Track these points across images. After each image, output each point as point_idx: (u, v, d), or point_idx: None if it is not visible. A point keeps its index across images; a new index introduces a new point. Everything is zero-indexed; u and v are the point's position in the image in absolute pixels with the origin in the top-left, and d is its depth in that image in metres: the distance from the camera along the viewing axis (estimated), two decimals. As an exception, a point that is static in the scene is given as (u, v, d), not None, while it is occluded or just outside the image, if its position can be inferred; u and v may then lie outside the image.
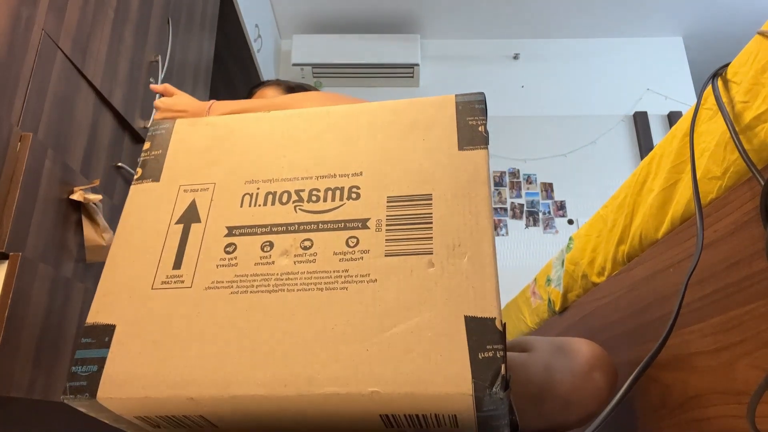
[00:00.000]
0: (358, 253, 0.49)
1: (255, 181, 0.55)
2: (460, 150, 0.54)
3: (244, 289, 0.49)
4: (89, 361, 0.47)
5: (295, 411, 0.45)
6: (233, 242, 0.51)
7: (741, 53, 0.58)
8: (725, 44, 3.33)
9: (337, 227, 0.51)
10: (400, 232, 0.50)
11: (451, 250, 0.48)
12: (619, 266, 0.86)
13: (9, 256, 0.83)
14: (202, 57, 1.99)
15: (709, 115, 0.63)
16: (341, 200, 0.52)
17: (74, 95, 1.15)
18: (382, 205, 0.51)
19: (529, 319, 1.49)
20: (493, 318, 0.44)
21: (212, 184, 0.56)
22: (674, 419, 0.66)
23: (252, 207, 0.54)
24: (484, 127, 0.55)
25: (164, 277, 0.50)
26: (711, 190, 0.59)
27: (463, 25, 3.39)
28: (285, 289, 0.48)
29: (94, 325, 0.49)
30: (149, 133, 0.62)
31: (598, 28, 3.43)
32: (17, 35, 0.98)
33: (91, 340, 0.48)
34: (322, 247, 0.50)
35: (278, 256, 0.50)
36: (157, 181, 0.57)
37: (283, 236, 0.51)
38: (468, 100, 0.57)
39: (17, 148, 0.92)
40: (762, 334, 0.50)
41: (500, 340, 0.43)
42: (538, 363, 0.74)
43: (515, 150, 3.22)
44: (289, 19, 3.34)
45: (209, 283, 0.49)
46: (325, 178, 0.54)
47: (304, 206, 0.53)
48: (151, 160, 0.59)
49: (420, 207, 0.51)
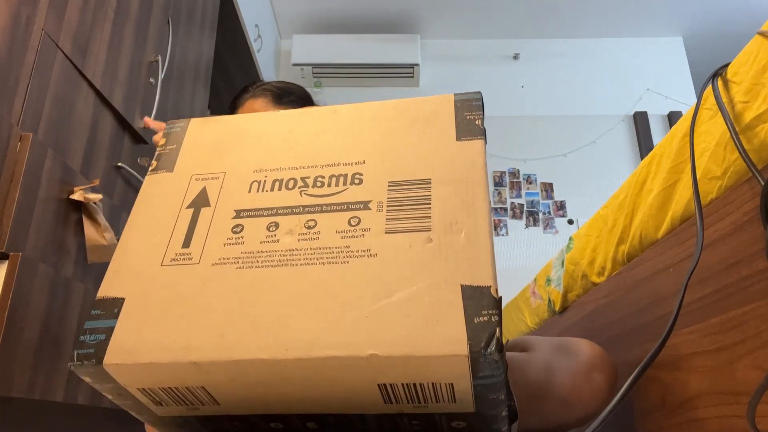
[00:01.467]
0: (360, 231, 0.51)
1: (263, 169, 0.58)
2: (458, 140, 0.57)
3: (249, 264, 0.50)
4: (98, 331, 0.48)
5: (296, 380, 0.46)
6: (240, 223, 0.54)
7: (741, 53, 0.58)
8: (725, 44, 3.33)
9: (340, 209, 0.53)
10: (400, 212, 0.52)
11: (448, 227, 0.50)
12: (619, 266, 0.86)
13: (9, 256, 0.83)
14: (202, 57, 1.99)
15: (709, 115, 0.63)
16: (345, 185, 0.55)
17: (74, 95, 1.15)
18: (383, 189, 0.54)
19: (529, 319, 1.49)
20: (488, 286, 0.45)
21: (222, 173, 0.59)
22: (674, 419, 0.66)
23: (260, 192, 0.56)
24: (481, 121, 0.58)
25: (173, 254, 0.53)
26: (711, 190, 0.59)
27: (463, 25, 3.39)
28: (289, 264, 0.50)
29: (104, 299, 0.50)
30: (166, 132, 0.65)
31: (597, 28, 3.43)
32: (17, 35, 0.98)
33: (101, 312, 0.49)
34: (325, 226, 0.52)
35: (283, 234, 0.52)
36: (170, 171, 0.61)
37: (288, 217, 0.53)
38: (466, 98, 0.61)
39: (17, 148, 0.92)
40: (762, 334, 0.50)
41: (495, 305, 0.44)
42: (538, 362, 0.74)
43: (515, 150, 3.22)
44: (289, 19, 3.34)
45: (216, 260, 0.51)
46: (329, 166, 0.57)
47: (309, 191, 0.55)
48: (165, 153, 0.63)
49: (419, 190, 0.53)
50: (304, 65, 3.30)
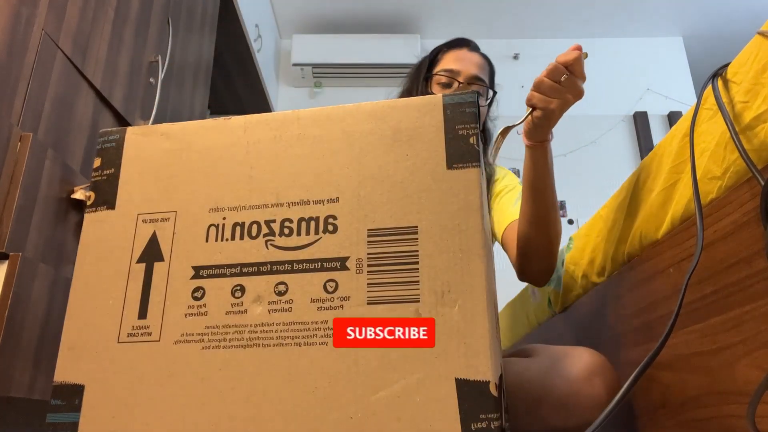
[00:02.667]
0: (338, 300, 0.45)
1: (220, 208, 0.50)
2: (449, 168, 0.48)
3: (216, 343, 0.45)
4: (61, 427, 0.44)
5: None
6: (201, 286, 0.48)
7: (741, 53, 0.58)
8: (725, 44, 3.33)
9: (314, 268, 0.46)
10: (383, 275, 0.45)
11: (440, 297, 0.43)
12: (619, 266, 0.86)
13: (9, 256, 0.83)
14: (202, 57, 1.99)
15: (709, 115, 0.63)
16: (316, 234, 0.48)
17: (74, 95, 1.15)
18: (362, 240, 0.46)
19: (529, 319, 1.49)
20: (486, 381, 0.40)
21: (173, 213, 0.51)
22: (674, 419, 0.66)
23: (219, 242, 0.49)
24: (476, 138, 0.49)
25: (130, 328, 0.47)
26: (711, 190, 0.59)
27: (463, 25, 3.39)
28: (260, 344, 0.45)
29: (62, 385, 0.46)
30: (98, 146, 0.56)
31: (598, 28, 3.43)
32: (17, 35, 0.98)
33: (61, 402, 0.45)
34: (298, 292, 0.46)
35: (251, 302, 0.46)
36: (112, 208, 0.52)
37: (255, 279, 0.47)
38: (457, 101, 0.50)
39: (17, 148, 0.92)
40: (762, 334, 0.50)
41: (495, 407, 0.39)
42: (538, 368, 0.74)
43: (515, 150, 3.21)
44: (289, 19, 3.34)
45: (178, 336, 0.46)
46: (297, 205, 0.49)
47: (275, 241, 0.48)
48: (103, 182, 0.54)
49: (404, 243, 0.46)
50: (304, 65, 3.30)
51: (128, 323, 0.47)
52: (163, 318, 0.47)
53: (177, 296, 0.48)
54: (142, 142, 0.55)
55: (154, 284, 0.48)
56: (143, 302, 0.48)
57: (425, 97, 0.51)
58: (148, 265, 0.49)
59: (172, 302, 0.47)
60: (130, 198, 0.52)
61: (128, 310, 0.48)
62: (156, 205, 0.51)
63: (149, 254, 0.49)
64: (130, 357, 0.46)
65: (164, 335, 0.46)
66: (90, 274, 0.50)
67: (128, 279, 0.49)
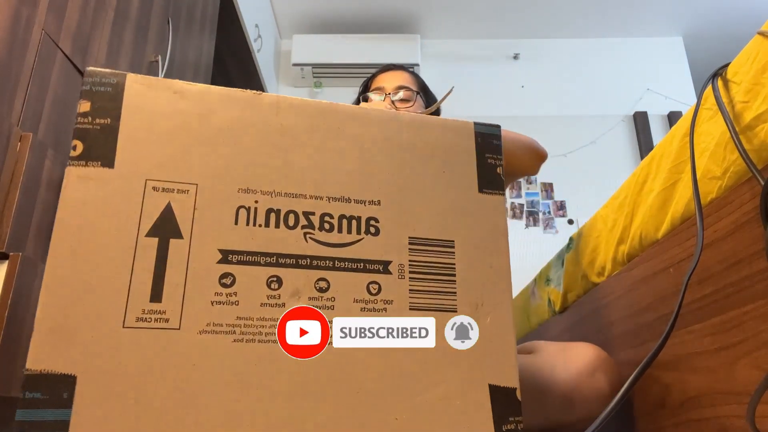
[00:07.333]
0: (381, 303, 0.45)
1: (251, 190, 0.45)
2: (480, 192, 0.50)
3: (250, 336, 0.41)
4: (43, 427, 0.34)
5: None
6: (230, 272, 0.43)
7: (741, 53, 0.58)
8: (725, 44, 3.33)
9: (356, 268, 0.45)
10: (424, 282, 0.46)
11: (474, 309, 0.46)
12: (619, 266, 0.86)
13: (9, 256, 0.83)
14: (202, 57, 1.99)
15: (709, 115, 0.63)
16: (359, 234, 0.46)
17: (74, 95, 1.15)
18: (404, 247, 0.47)
19: (529, 319, 1.49)
20: (514, 388, 0.43)
21: (193, 186, 0.44)
22: (674, 419, 0.66)
23: (250, 226, 0.44)
24: (502, 168, 0.52)
25: (139, 312, 0.40)
26: (711, 190, 0.59)
27: (463, 25, 3.39)
28: None
29: (42, 374, 0.35)
30: (85, 87, 0.45)
31: (598, 28, 3.43)
32: (17, 35, 0.98)
33: (42, 396, 0.34)
34: (340, 290, 0.44)
35: (289, 296, 0.43)
36: (109, 166, 0.43)
37: (293, 271, 0.44)
38: (487, 131, 0.53)
39: (17, 148, 0.92)
40: (762, 334, 0.50)
41: (520, 411, 0.43)
42: (542, 363, 0.74)
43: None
44: (289, 19, 3.34)
45: (203, 326, 0.41)
46: (337, 201, 0.47)
47: (315, 235, 0.45)
48: (95, 131, 0.43)
49: (443, 255, 0.47)
50: (304, 65, 3.30)
51: (137, 306, 0.40)
52: (183, 303, 0.41)
53: (200, 281, 0.41)
54: (150, 95, 0.47)
55: (171, 264, 0.41)
56: (156, 283, 0.41)
57: (459, 120, 0.53)
58: (162, 241, 0.42)
59: (194, 286, 0.41)
60: (134, 158, 0.44)
61: (136, 290, 0.40)
62: (170, 173, 0.44)
63: (164, 228, 0.42)
64: (140, 344, 0.39)
65: (185, 323, 0.40)
66: (79, 243, 0.42)
67: (135, 254, 0.41)
